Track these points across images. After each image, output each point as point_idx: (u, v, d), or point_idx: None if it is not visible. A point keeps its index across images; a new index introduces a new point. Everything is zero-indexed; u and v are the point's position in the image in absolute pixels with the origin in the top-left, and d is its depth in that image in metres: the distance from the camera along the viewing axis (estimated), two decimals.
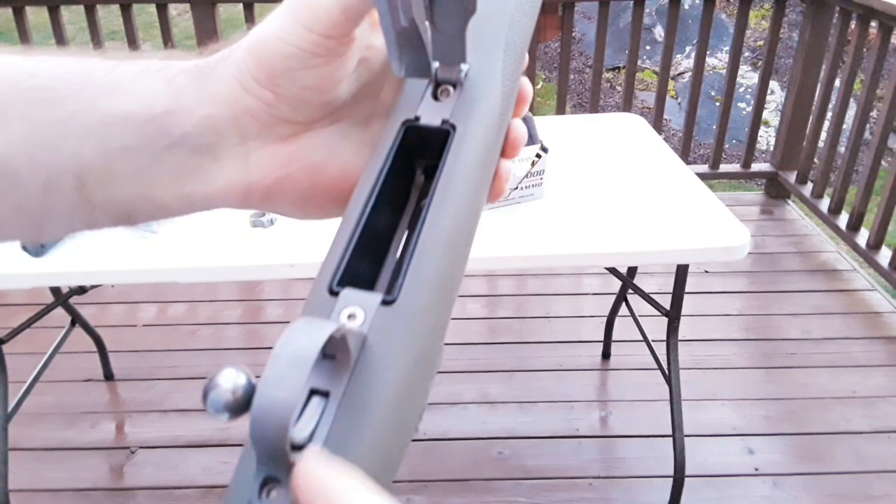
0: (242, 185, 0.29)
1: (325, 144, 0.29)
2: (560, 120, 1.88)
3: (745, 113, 5.35)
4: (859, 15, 2.47)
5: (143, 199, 0.28)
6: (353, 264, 0.24)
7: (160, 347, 2.18)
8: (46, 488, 1.72)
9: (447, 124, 0.26)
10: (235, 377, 0.19)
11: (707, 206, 1.37)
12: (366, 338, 0.22)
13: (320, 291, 0.23)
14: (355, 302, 0.22)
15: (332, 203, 0.30)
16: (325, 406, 0.20)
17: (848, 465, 1.76)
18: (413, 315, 0.22)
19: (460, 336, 2.22)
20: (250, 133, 0.28)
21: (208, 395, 0.19)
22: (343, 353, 0.21)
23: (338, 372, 0.21)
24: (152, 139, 0.27)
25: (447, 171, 0.25)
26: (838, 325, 2.25)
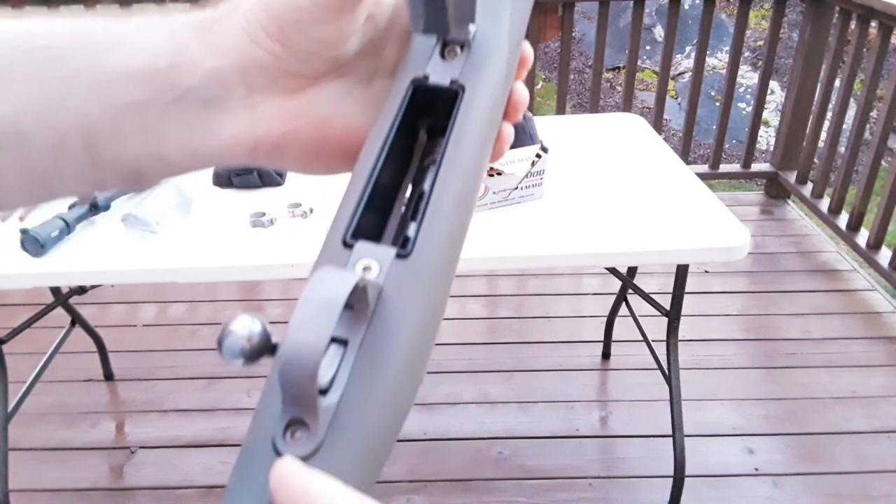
0: (250, 139, 0.29)
1: (332, 100, 0.30)
2: (560, 120, 1.88)
3: (745, 113, 5.35)
4: (859, 15, 2.47)
5: (151, 155, 0.28)
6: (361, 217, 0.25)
7: (160, 347, 2.18)
8: (46, 488, 1.72)
9: (456, 84, 0.27)
10: (251, 324, 0.20)
11: (707, 206, 1.37)
12: (382, 289, 0.22)
13: (334, 243, 0.24)
14: (370, 255, 0.23)
15: (337, 159, 0.31)
16: (343, 354, 0.21)
17: (848, 465, 1.76)
18: (426, 269, 0.23)
19: (460, 336, 2.22)
20: (257, 85, 0.28)
21: (223, 341, 0.20)
22: (362, 303, 0.21)
23: (356, 322, 0.21)
24: (158, 94, 0.27)
25: (457, 131, 0.26)
26: (838, 325, 2.25)
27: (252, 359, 0.20)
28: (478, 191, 0.28)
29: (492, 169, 1.34)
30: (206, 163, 0.29)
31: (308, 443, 0.20)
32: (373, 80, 0.30)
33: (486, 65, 0.27)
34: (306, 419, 0.20)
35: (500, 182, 1.35)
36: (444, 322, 1.66)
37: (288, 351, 0.18)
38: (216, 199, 1.44)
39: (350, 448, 0.20)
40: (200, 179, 1.48)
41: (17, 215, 1.35)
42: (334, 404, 0.20)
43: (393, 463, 1.77)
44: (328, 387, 0.21)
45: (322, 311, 0.18)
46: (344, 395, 0.21)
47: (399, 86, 0.27)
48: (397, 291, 0.22)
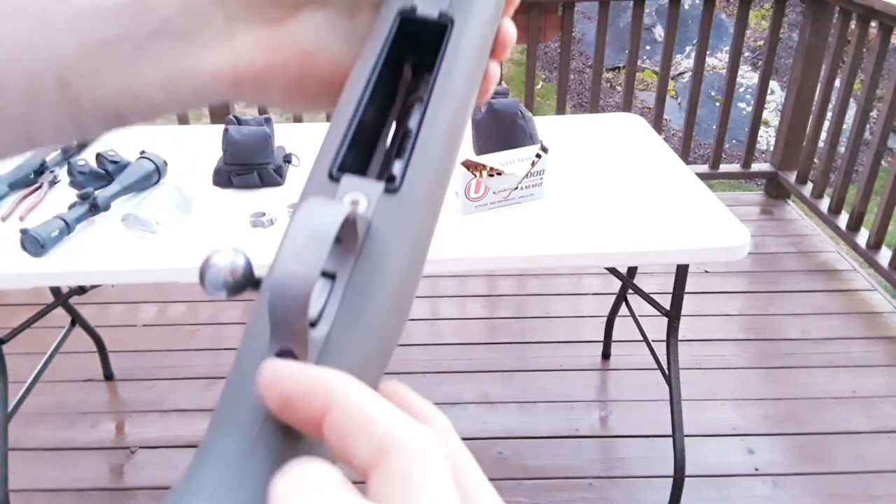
0: (230, 72, 0.28)
1: (315, 32, 0.29)
2: (560, 120, 1.88)
3: (745, 113, 5.35)
4: (859, 15, 2.47)
5: (130, 93, 0.27)
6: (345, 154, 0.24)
7: (160, 347, 2.18)
8: (46, 488, 1.72)
9: (446, 17, 0.26)
10: (234, 256, 0.20)
11: (707, 206, 1.37)
12: (370, 223, 0.22)
13: (320, 176, 0.23)
14: (357, 188, 0.23)
15: (322, 94, 0.30)
16: (331, 287, 0.21)
17: (848, 465, 1.76)
18: (414, 205, 0.23)
19: (460, 336, 2.22)
20: (236, 14, 0.27)
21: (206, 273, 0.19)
22: (350, 237, 0.21)
23: (344, 255, 0.21)
24: (131, 28, 0.26)
25: (446, 67, 0.25)
26: (838, 325, 2.25)
27: (235, 291, 0.20)
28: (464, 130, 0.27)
29: (492, 169, 1.34)
30: (188, 100, 0.28)
31: None
32: (356, 14, 0.29)
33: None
34: (295, 350, 0.19)
35: (500, 182, 1.35)
36: (444, 322, 1.66)
37: (278, 280, 0.18)
38: (216, 199, 1.44)
39: None
40: (200, 179, 1.48)
41: (18, 215, 1.35)
42: (323, 336, 0.20)
43: None
44: (317, 319, 0.20)
45: (313, 242, 0.18)
46: (333, 328, 0.20)
47: (385, 17, 0.26)
48: (386, 226, 0.22)
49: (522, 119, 1.48)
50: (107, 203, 1.34)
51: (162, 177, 1.47)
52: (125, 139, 1.61)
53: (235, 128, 1.49)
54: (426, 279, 2.45)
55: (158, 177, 1.46)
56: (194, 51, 0.27)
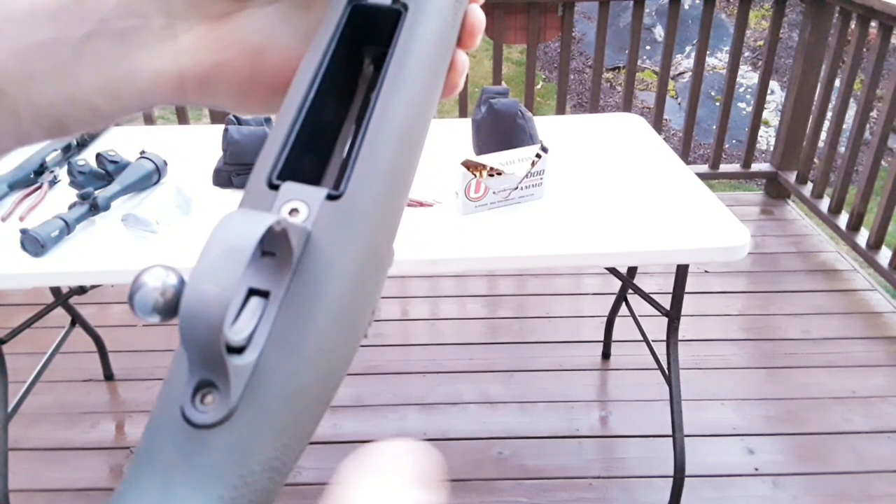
0: (174, 74, 0.26)
1: (265, 27, 0.27)
2: (560, 120, 1.88)
3: (745, 113, 5.35)
4: (859, 15, 2.47)
5: (70, 100, 0.25)
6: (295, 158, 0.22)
7: (160, 347, 2.18)
8: (46, 488, 1.72)
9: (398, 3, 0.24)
10: (164, 276, 0.18)
11: (707, 206, 1.37)
12: (310, 234, 0.20)
13: (258, 184, 0.21)
14: (298, 196, 0.21)
15: (275, 94, 0.28)
16: (265, 307, 0.19)
17: (848, 465, 1.76)
18: (362, 210, 0.21)
19: (460, 336, 2.22)
20: (177, 12, 0.25)
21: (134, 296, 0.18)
22: (284, 250, 0.19)
23: (279, 271, 0.19)
24: (67, 29, 0.24)
25: (399, 55, 0.23)
26: (838, 325, 2.25)
27: (167, 315, 0.18)
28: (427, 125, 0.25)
29: (492, 169, 1.34)
30: (133, 104, 0.27)
31: (220, 408, 0.18)
32: (311, 4, 0.28)
33: None
34: (216, 381, 0.18)
35: (500, 182, 1.35)
36: (444, 322, 1.65)
37: (188, 303, 0.16)
38: (216, 199, 1.44)
39: (269, 413, 0.18)
40: (200, 179, 1.48)
41: (18, 215, 1.35)
42: (251, 363, 0.18)
43: None
44: (245, 344, 0.18)
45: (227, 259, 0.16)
46: (263, 354, 0.18)
47: (335, 5, 0.24)
48: (328, 237, 0.20)
49: (522, 119, 1.48)
50: (107, 203, 1.34)
51: (162, 177, 1.47)
52: (125, 139, 1.61)
53: (235, 128, 1.49)
54: (426, 279, 2.45)
55: (158, 177, 1.46)
56: (134, 52, 0.25)
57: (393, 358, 2.12)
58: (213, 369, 0.17)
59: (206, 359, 0.17)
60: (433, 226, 1.33)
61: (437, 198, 1.40)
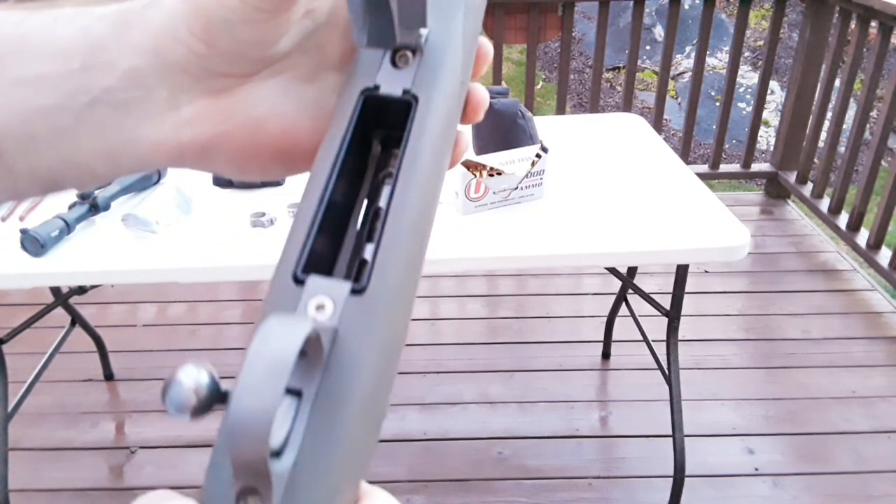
0: (174, 144, 0.27)
1: (265, 99, 0.27)
2: (560, 120, 1.88)
3: (745, 113, 5.35)
4: (859, 15, 2.47)
5: (68, 163, 0.26)
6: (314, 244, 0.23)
7: (160, 347, 2.18)
8: (46, 488, 1.72)
9: (409, 95, 0.25)
10: (197, 375, 0.19)
11: (707, 206, 1.37)
12: (337, 331, 0.21)
13: (284, 280, 0.22)
14: (322, 291, 0.21)
15: (273, 162, 0.28)
16: (298, 406, 0.20)
17: (848, 465, 1.76)
18: (384, 303, 0.22)
19: (460, 336, 2.22)
20: (181, 86, 0.26)
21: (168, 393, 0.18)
22: (316, 350, 0.20)
23: (309, 369, 0.20)
24: (71, 97, 0.25)
25: (412, 147, 0.24)
26: (838, 325, 2.25)
27: (199, 412, 0.19)
28: (436, 205, 0.26)
29: (492, 169, 1.34)
30: (130, 169, 0.27)
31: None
32: (315, 78, 0.28)
33: (439, 71, 0.25)
34: (259, 487, 0.18)
35: (500, 182, 1.35)
36: (444, 322, 1.65)
37: (236, 418, 0.17)
38: (216, 199, 1.44)
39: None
40: (200, 179, 1.48)
41: (18, 215, 1.35)
42: (289, 467, 0.19)
43: (393, 463, 1.77)
44: (282, 446, 0.19)
45: (271, 372, 0.17)
46: (300, 455, 0.19)
47: (348, 97, 0.25)
48: (353, 332, 0.21)
49: (522, 119, 1.48)
50: (107, 203, 1.34)
51: (162, 177, 1.47)
52: None
53: None
54: (426, 279, 2.45)
55: (158, 177, 1.46)
56: (136, 121, 0.26)
57: None
58: (257, 477, 0.18)
59: (249, 469, 0.18)
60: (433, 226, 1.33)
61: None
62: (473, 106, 0.28)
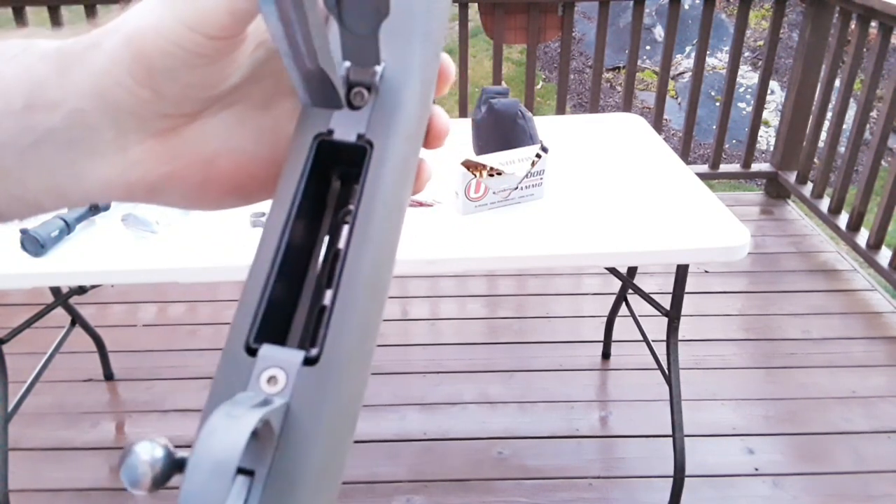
0: (121, 183, 0.26)
1: (217, 135, 0.27)
2: (560, 120, 1.88)
3: (745, 113, 5.35)
4: (859, 15, 2.47)
5: (14, 198, 0.26)
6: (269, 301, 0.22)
7: (160, 347, 2.18)
8: (46, 488, 1.72)
9: (364, 140, 0.24)
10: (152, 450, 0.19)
11: (707, 206, 1.37)
12: (289, 407, 0.20)
13: (237, 350, 0.22)
14: (275, 362, 0.21)
15: (226, 195, 0.28)
16: (250, 487, 0.20)
17: (848, 465, 1.76)
18: (338, 371, 0.21)
19: (460, 336, 2.22)
20: (127, 127, 0.25)
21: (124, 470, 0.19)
22: (267, 432, 0.20)
23: (261, 448, 0.20)
24: (14, 136, 0.24)
25: (365, 200, 0.23)
26: (838, 325, 2.25)
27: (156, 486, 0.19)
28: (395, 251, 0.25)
29: (492, 169, 1.34)
30: (78, 204, 0.27)
31: None
32: (271, 105, 0.28)
33: (396, 111, 0.24)
34: None
35: (500, 182, 1.35)
36: (444, 322, 1.65)
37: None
38: None
39: None
40: None
41: None
42: None
43: (393, 463, 1.77)
44: None
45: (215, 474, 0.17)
46: None
47: (300, 143, 0.24)
48: (306, 406, 0.20)
49: (522, 119, 1.48)
50: (107, 203, 1.34)
51: None
52: None
53: None
54: (426, 279, 2.45)
55: None
56: (82, 160, 0.25)
57: (393, 358, 2.12)
58: None
59: None
60: (433, 226, 1.33)
61: (436, 198, 1.40)
62: (435, 134, 0.28)
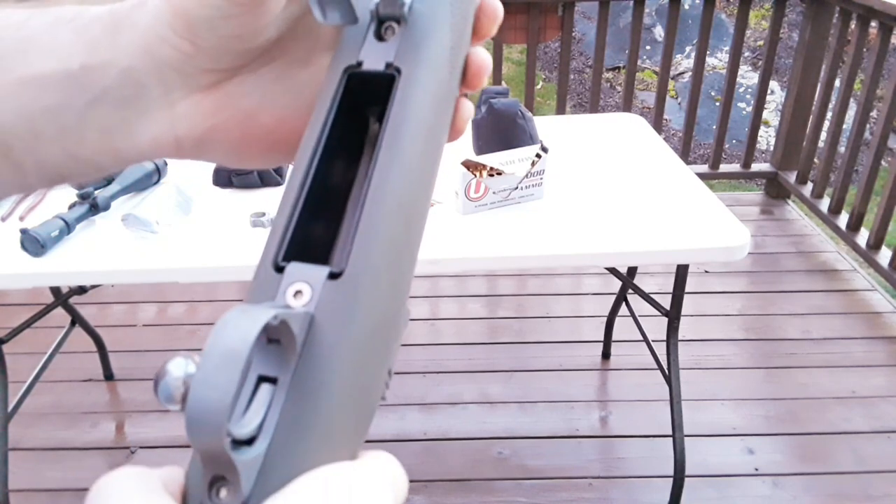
0: (171, 137, 0.28)
1: (256, 90, 0.28)
2: (560, 120, 1.88)
3: (745, 113, 5.35)
4: (859, 15, 2.47)
5: (73, 157, 0.27)
6: (305, 230, 0.23)
7: (160, 347, 2.18)
8: (46, 488, 1.72)
9: (392, 68, 0.24)
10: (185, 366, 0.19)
11: (707, 206, 1.37)
12: (313, 317, 0.20)
13: (266, 268, 0.22)
14: (302, 277, 0.21)
15: (270, 151, 0.29)
16: (273, 393, 0.19)
17: (848, 465, 1.76)
18: (364, 286, 0.21)
19: (460, 336, 2.22)
20: (173, 83, 0.27)
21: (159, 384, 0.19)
22: (288, 337, 0.20)
23: (285, 356, 0.20)
24: (73, 96, 0.26)
25: (393, 121, 0.23)
26: (838, 325, 2.25)
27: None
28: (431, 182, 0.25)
29: (492, 169, 1.34)
30: (132, 160, 0.29)
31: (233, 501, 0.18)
32: (309, 61, 0.28)
33: (424, 39, 0.24)
34: (227, 476, 0.18)
35: (500, 182, 1.35)
36: (444, 322, 1.65)
37: (191, 410, 0.17)
38: (216, 199, 1.44)
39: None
40: (200, 179, 1.48)
41: (18, 215, 1.35)
42: (261, 454, 0.19)
43: None
44: (256, 433, 0.19)
45: (225, 363, 0.17)
46: (273, 441, 0.19)
47: (332, 76, 0.24)
48: (330, 317, 0.20)
49: (522, 119, 1.48)
50: (107, 203, 1.34)
51: (162, 177, 1.47)
52: None
53: None
54: (426, 279, 2.45)
55: (158, 177, 1.46)
56: (135, 117, 0.27)
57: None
58: (222, 466, 0.18)
59: (213, 458, 0.18)
60: (433, 226, 1.33)
61: (437, 198, 1.40)
62: (474, 71, 0.27)
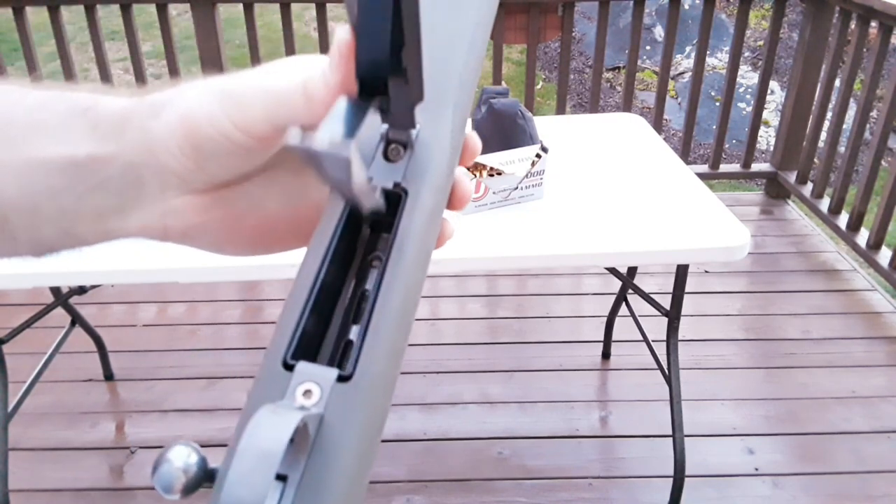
0: (160, 226, 0.30)
1: (248, 195, 0.30)
2: (560, 120, 1.88)
3: (745, 113, 5.35)
4: (859, 15, 2.47)
5: (65, 233, 0.29)
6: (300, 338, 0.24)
7: (160, 347, 2.18)
8: (46, 488, 1.72)
9: (399, 188, 0.26)
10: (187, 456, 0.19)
11: (707, 206, 1.37)
12: (322, 417, 0.22)
13: (274, 365, 0.23)
14: (310, 377, 0.22)
15: (253, 245, 0.32)
16: (283, 490, 0.21)
17: (848, 465, 1.76)
18: (368, 389, 0.23)
19: (460, 336, 2.22)
20: (170, 184, 0.29)
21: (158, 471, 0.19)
22: (302, 437, 0.21)
23: (295, 455, 0.21)
24: (75, 182, 0.28)
25: (400, 239, 0.26)
26: (838, 325, 2.25)
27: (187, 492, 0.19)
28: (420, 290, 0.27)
29: (492, 169, 1.34)
30: (119, 239, 0.31)
31: None
32: (303, 170, 0.30)
33: (428, 166, 0.27)
34: None
35: (500, 182, 1.35)
36: (444, 322, 1.65)
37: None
38: None
39: None
40: None
41: None
42: None
43: (393, 463, 1.77)
44: None
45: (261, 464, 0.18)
46: None
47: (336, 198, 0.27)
48: (338, 418, 0.22)
49: (522, 119, 1.48)
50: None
51: None
52: None
53: None
54: (426, 279, 2.45)
55: None
56: (129, 206, 0.29)
57: None
58: None
59: None
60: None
61: None
62: (459, 197, 0.30)
